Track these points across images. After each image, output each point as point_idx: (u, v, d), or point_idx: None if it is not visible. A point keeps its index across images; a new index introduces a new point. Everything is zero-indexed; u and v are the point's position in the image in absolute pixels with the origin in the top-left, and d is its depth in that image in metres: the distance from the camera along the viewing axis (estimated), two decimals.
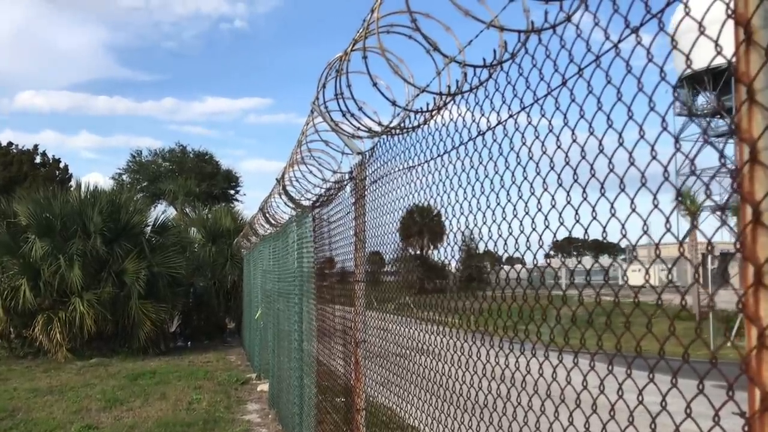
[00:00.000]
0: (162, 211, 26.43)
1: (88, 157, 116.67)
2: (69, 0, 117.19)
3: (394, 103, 3.13)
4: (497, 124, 2.68)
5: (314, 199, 6.53)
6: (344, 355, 5.47)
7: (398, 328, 4.60)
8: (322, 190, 6.00)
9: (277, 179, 8.25)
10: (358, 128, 3.85)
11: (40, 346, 17.51)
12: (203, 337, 22.24)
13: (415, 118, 3.62)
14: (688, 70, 47.49)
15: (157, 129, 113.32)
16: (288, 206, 8.37)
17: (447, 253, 4.02)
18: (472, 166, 2.97)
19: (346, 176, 5.32)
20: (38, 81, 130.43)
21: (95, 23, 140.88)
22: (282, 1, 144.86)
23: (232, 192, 48.17)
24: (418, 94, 3.13)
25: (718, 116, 58.23)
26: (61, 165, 35.87)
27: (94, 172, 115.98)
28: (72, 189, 32.50)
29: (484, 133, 2.81)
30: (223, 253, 23.24)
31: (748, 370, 1.34)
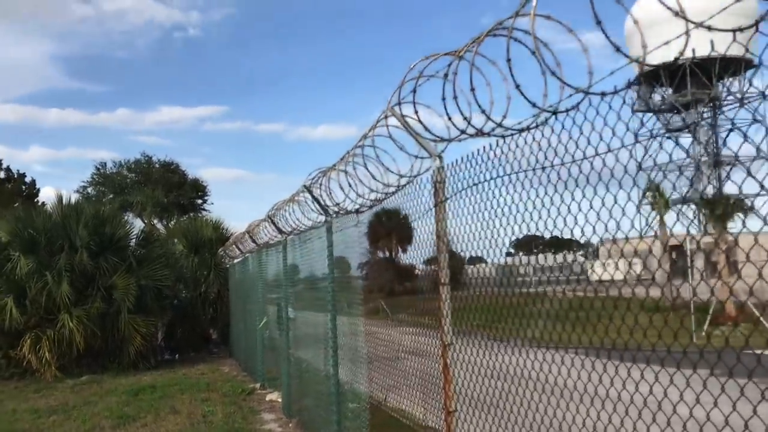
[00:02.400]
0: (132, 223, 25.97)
1: (39, 171, 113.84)
2: (11, 10, 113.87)
3: (534, 105, 3.16)
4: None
5: (362, 204, 6.52)
6: (420, 351, 5.50)
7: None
8: (378, 194, 5.99)
9: (305, 186, 8.22)
10: (464, 131, 3.88)
11: (27, 366, 17.03)
12: (190, 348, 21.92)
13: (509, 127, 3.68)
14: (645, 67, 48.57)
15: (112, 140, 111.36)
16: (317, 213, 8.33)
17: None
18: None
19: (412, 179, 5.34)
20: None
21: (41, 34, 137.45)
22: (235, 8, 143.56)
23: (199, 201, 47.60)
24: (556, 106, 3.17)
25: (675, 112, 59.71)
26: (27, 180, 34.95)
27: (47, 186, 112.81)
28: (41, 203, 31.73)
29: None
30: (206, 263, 22.94)
31: None
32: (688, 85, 55.60)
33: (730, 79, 57.27)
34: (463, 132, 3.97)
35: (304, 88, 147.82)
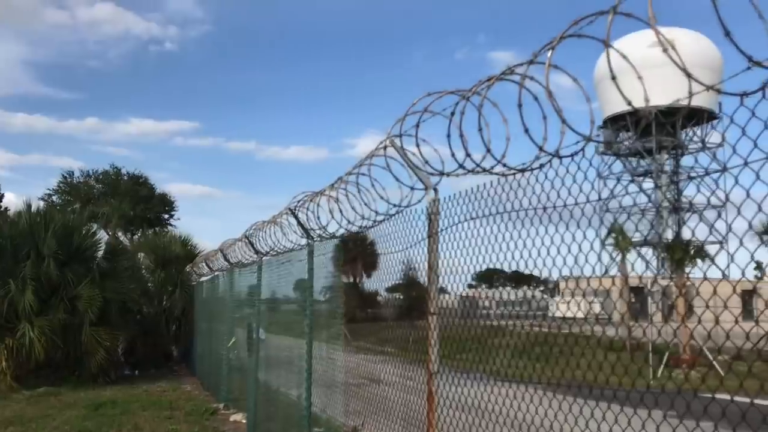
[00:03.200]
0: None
1: (1, 175, 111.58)
2: None
3: (541, 148, 3.35)
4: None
5: (349, 229, 6.65)
6: (360, 375, 5.63)
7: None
8: (367, 222, 6.14)
9: (290, 209, 8.32)
10: (462, 165, 4.06)
11: None
12: (150, 365, 21.58)
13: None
14: (610, 112, 50.01)
15: (79, 149, 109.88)
16: (299, 236, 8.43)
17: None
18: None
19: (402, 210, 5.50)
20: None
21: (13, 37, 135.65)
22: (213, 26, 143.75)
23: (166, 216, 47.11)
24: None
25: (639, 156, 61.21)
26: None
27: (8, 191, 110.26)
28: (4, 209, 31.15)
29: None
30: (172, 279, 22.73)
31: None
32: (652, 132, 57.27)
33: (694, 128, 59.16)
34: (461, 166, 4.15)
35: (277, 109, 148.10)
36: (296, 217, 8.20)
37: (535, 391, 3.96)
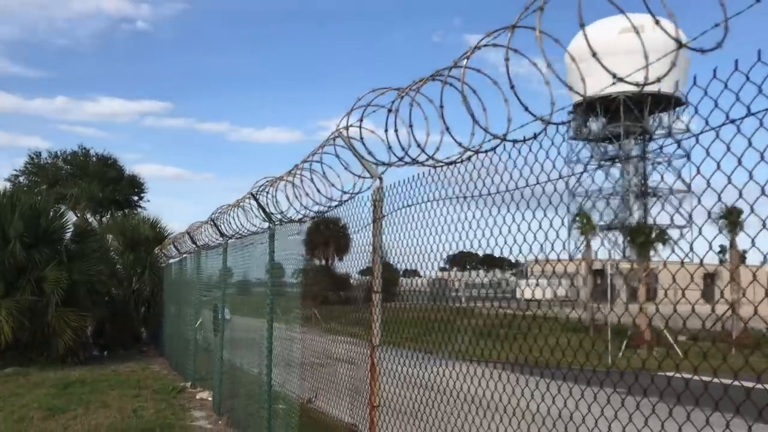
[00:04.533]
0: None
1: None
2: None
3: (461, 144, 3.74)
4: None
5: (305, 214, 7.01)
6: (349, 359, 6.01)
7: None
8: (321, 207, 6.50)
9: (252, 193, 8.64)
10: (401, 158, 4.44)
11: None
12: (119, 346, 21.78)
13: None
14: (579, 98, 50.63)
15: (47, 128, 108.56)
16: (261, 220, 8.76)
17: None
18: None
19: (353, 197, 5.88)
20: None
21: None
22: (188, 4, 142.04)
23: (136, 198, 46.88)
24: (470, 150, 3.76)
25: (608, 141, 62.24)
26: None
27: None
28: None
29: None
30: (141, 261, 22.90)
31: None
32: (621, 118, 58.31)
33: (661, 114, 60.36)
34: (400, 159, 4.54)
35: (251, 90, 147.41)
36: (257, 202, 8.53)
37: (493, 369, 4.08)
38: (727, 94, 2.54)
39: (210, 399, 12.54)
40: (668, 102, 56.99)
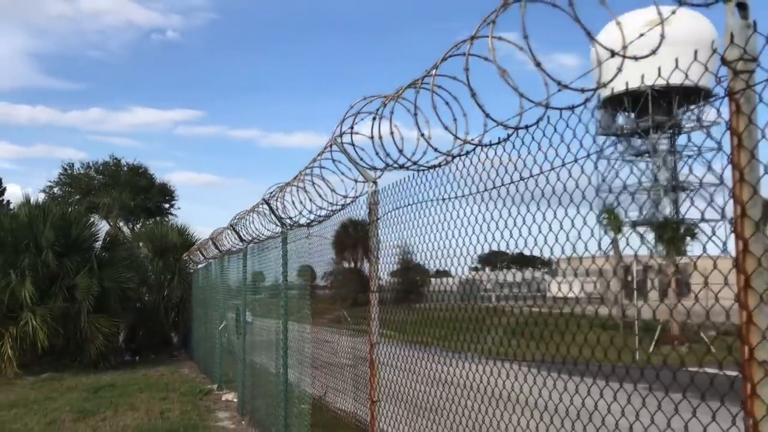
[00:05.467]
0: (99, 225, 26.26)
1: (5, 168, 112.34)
2: None
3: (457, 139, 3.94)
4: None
5: (313, 218, 7.25)
6: (353, 355, 6.22)
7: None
8: (324, 211, 6.74)
9: (264, 199, 8.92)
10: (390, 163, 4.65)
11: None
12: (150, 351, 22.32)
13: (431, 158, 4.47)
14: (609, 92, 50.37)
15: (82, 139, 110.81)
16: (275, 224, 9.03)
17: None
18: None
19: (353, 201, 6.10)
20: None
21: (16, 29, 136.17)
22: (217, 14, 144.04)
23: (166, 206, 47.75)
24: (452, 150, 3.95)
25: (636, 136, 61.67)
26: None
27: (13, 183, 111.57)
28: (6, 201, 31.74)
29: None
30: (170, 267, 23.40)
31: None
32: (649, 112, 57.69)
33: (691, 107, 59.56)
34: (388, 165, 4.75)
35: (280, 96, 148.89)
36: (269, 206, 8.80)
37: (519, 368, 3.99)
38: None
39: (235, 400, 12.86)
40: (697, 94, 56.31)
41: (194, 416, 11.58)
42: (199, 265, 19.67)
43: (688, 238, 32.11)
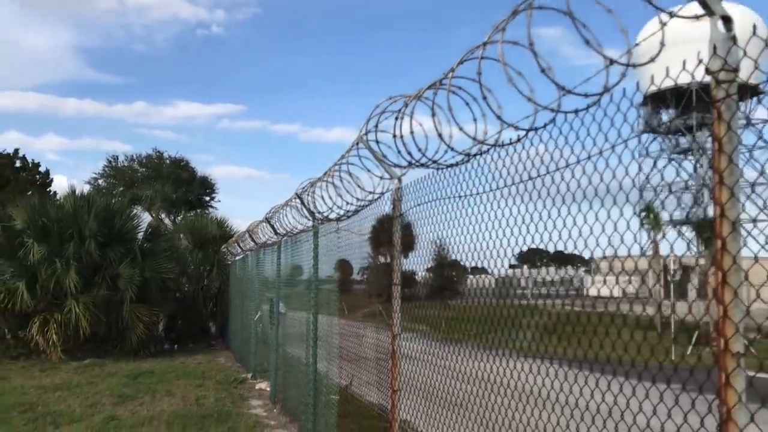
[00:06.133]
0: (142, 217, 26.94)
1: (52, 160, 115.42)
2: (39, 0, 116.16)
3: (475, 141, 4.11)
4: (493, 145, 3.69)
5: (341, 213, 7.47)
6: (376, 348, 6.43)
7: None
8: (353, 206, 6.95)
9: (297, 194, 9.17)
10: (411, 161, 4.83)
11: (34, 347, 18.03)
12: (189, 340, 22.89)
13: (452, 157, 4.63)
14: (653, 88, 49.61)
15: (127, 132, 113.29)
16: (306, 218, 9.28)
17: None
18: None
19: (381, 196, 6.29)
20: (4, 81, 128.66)
21: (64, 23, 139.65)
22: (260, 8, 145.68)
23: (207, 198, 48.70)
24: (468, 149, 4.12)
25: (680, 134, 60.63)
26: (41, 169, 36.19)
27: (59, 174, 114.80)
28: (53, 192, 32.75)
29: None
30: (209, 259, 23.94)
31: None
32: (693, 109, 56.58)
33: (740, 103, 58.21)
34: (410, 163, 4.93)
35: (321, 91, 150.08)
36: (302, 200, 9.05)
37: (551, 365, 3.94)
38: None
39: (268, 389, 13.19)
40: (745, 91, 55.16)
41: (228, 403, 11.93)
42: (237, 257, 20.11)
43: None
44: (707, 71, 2.28)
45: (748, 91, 55.29)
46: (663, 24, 2.49)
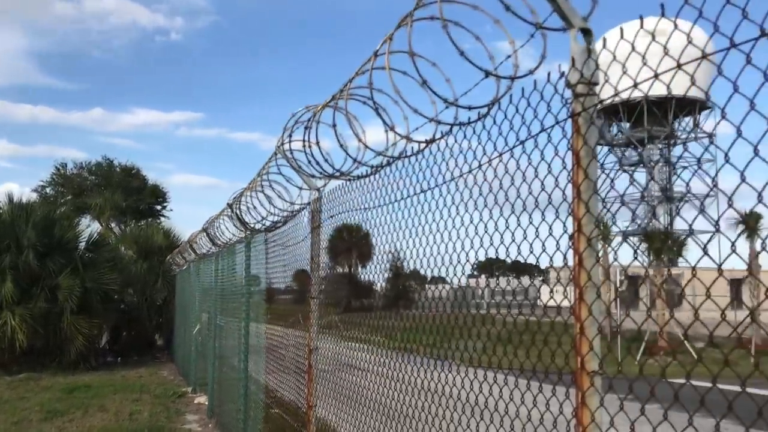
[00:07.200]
0: (87, 225, 26.26)
1: (4, 167, 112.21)
2: None
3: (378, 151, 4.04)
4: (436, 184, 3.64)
5: (268, 224, 7.34)
6: (295, 362, 6.30)
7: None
8: (276, 218, 6.83)
9: (228, 204, 9.01)
10: (321, 172, 4.74)
11: None
12: (133, 352, 22.36)
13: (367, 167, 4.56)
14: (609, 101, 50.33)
15: (84, 140, 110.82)
16: (238, 229, 9.13)
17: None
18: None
19: (306, 207, 6.19)
20: None
21: (18, 28, 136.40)
22: (220, 16, 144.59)
23: (159, 207, 47.82)
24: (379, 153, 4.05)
25: (631, 146, 61.88)
26: None
27: (10, 182, 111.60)
28: None
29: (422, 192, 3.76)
30: (154, 269, 23.45)
31: None
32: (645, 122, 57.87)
33: (685, 118, 59.87)
34: (323, 175, 4.84)
35: (282, 99, 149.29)
36: (233, 211, 8.89)
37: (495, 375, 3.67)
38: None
39: (206, 403, 12.92)
40: (693, 106, 56.67)
41: (162, 418, 11.63)
42: (182, 268, 19.74)
43: (678, 249, 32.23)
44: (567, 84, 2.24)
45: (697, 106, 56.91)
46: (531, 36, 2.45)
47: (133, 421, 11.34)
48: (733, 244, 1.86)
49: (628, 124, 60.42)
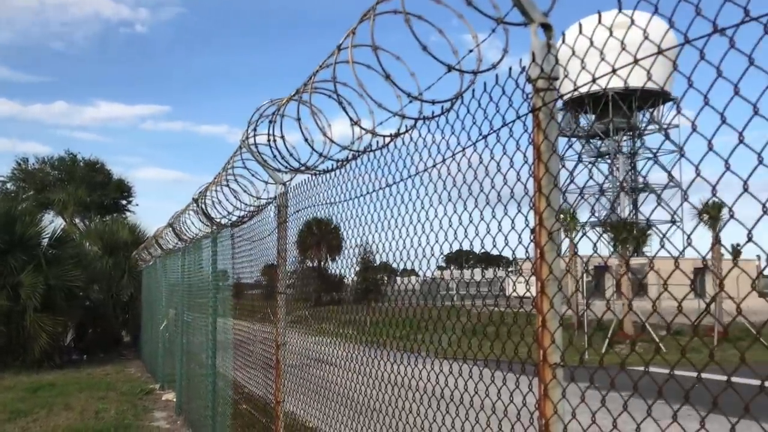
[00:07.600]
0: (50, 221, 25.76)
1: None
2: None
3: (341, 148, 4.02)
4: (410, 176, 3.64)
5: (234, 219, 7.28)
6: (263, 358, 6.27)
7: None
8: (242, 212, 6.77)
9: (194, 198, 8.91)
10: (287, 166, 4.71)
11: None
12: (99, 350, 22.04)
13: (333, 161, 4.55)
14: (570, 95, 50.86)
15: (46, 133, 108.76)
16: (204, 224, 9.03)
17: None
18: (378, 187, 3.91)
19: (273, 201, 6.15)
20: None
21: None
22: (185, 7, 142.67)
23: (124, 202, 47.11)
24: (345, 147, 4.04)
25: (597, 138, 62.66)
26: None
27: None
28: None
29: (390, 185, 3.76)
30: (120, 265, 23.16)
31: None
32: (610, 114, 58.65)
33: (649, 110, 60.78)
34: (288, 169, 4.81)
35: (249, 92, 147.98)
36: (198, 206, 8.79)
37: (460, 366, 3.60)
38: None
39: (174, 400, 12.79)
40: (657, 97, 57.55)
41: (130, 416, 11.50)
42: (148, 264, 19.50)
43: (642, 239, 32.77)
44: (528, 79, 2.25)
45: (660, 98, 57.80)
46: (492, 30, 2.45)
47: (99, 419, 11.19)
48: (689, 236, 1.89)
49: (593, 116, 61.25)
